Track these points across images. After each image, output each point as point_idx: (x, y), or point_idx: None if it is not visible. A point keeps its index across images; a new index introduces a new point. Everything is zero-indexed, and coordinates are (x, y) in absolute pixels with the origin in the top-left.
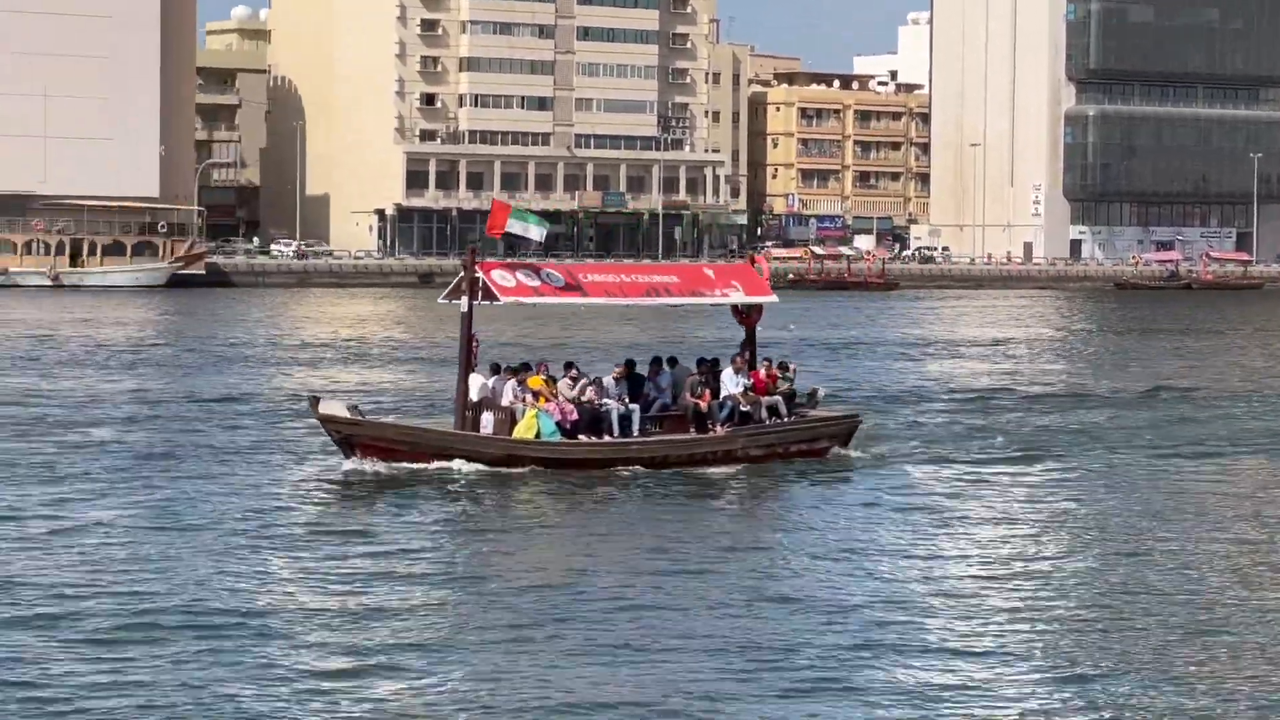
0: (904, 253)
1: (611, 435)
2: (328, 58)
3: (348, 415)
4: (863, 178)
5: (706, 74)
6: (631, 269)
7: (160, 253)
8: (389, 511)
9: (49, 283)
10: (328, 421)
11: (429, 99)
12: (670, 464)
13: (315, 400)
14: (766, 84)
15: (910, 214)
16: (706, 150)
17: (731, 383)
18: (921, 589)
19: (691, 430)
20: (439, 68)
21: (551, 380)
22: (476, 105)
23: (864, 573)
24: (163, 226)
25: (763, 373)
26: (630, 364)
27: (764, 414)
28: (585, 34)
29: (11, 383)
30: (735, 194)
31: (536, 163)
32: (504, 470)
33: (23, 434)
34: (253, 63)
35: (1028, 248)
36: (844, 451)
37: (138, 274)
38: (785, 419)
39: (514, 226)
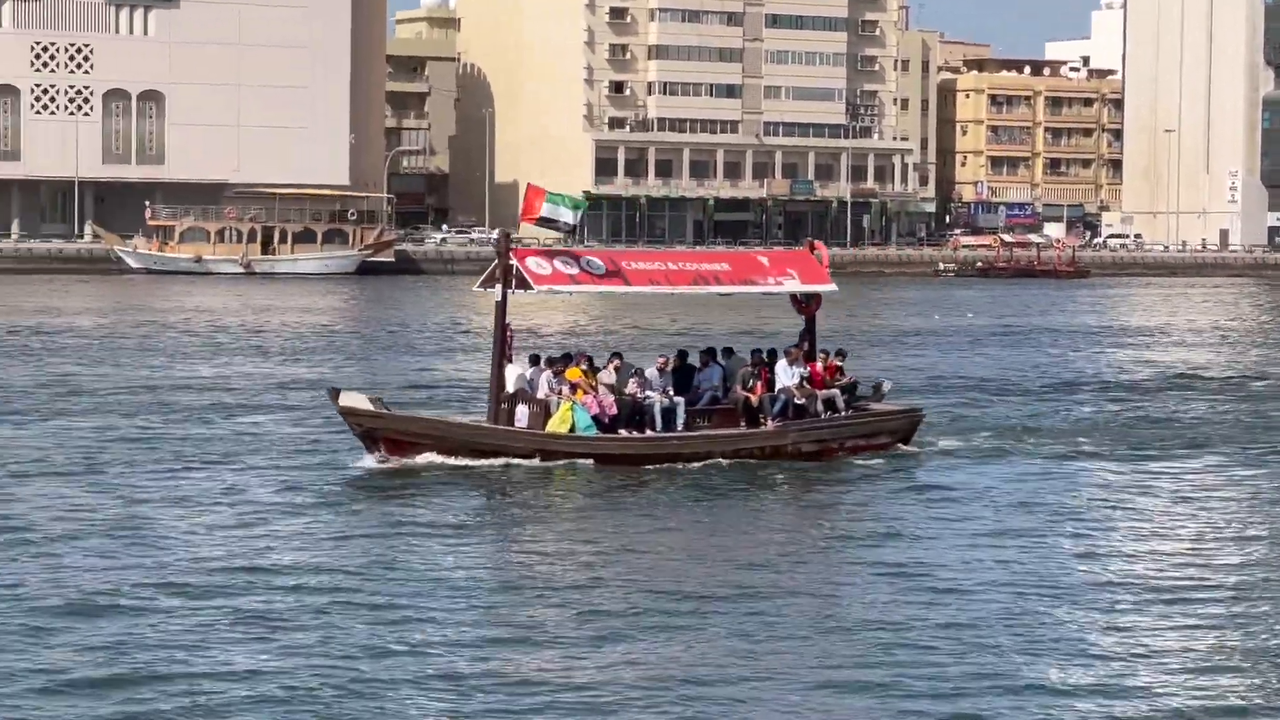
0: (1095, 240)
1: (654, 430)
2: (516, 46)
3: (370, 408)
4: (1053, 165)
5: (895, 61)
6: (680, 256)
7: (350, 240)
8: (409, 510)
9: (241, 270)
10: (349, 414)
11: (618, 87)
12: (714, 458)
13: (335, 392)
14: (956, 71)
15: (1102, 201)
16: (895, 138)
17: (786, 375)
18: (933, 594)
19: (742, 424)
20: (627, 55)
21: (592, 371)
22: (665, 93)
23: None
24: (353, 214)
25: (820, 365)
26: (682, 355)
27: (819, 408)
28: (774, 21)
29: (193, 369)
30: (924, 181)
31: (725, 150)
32: (536, 465)
33: (203, 418)
34: (442, 51)
35: (1223, 235)
36: (906, 448)
37: (327, 261)
38: (842, 413)
39: (548, 210)
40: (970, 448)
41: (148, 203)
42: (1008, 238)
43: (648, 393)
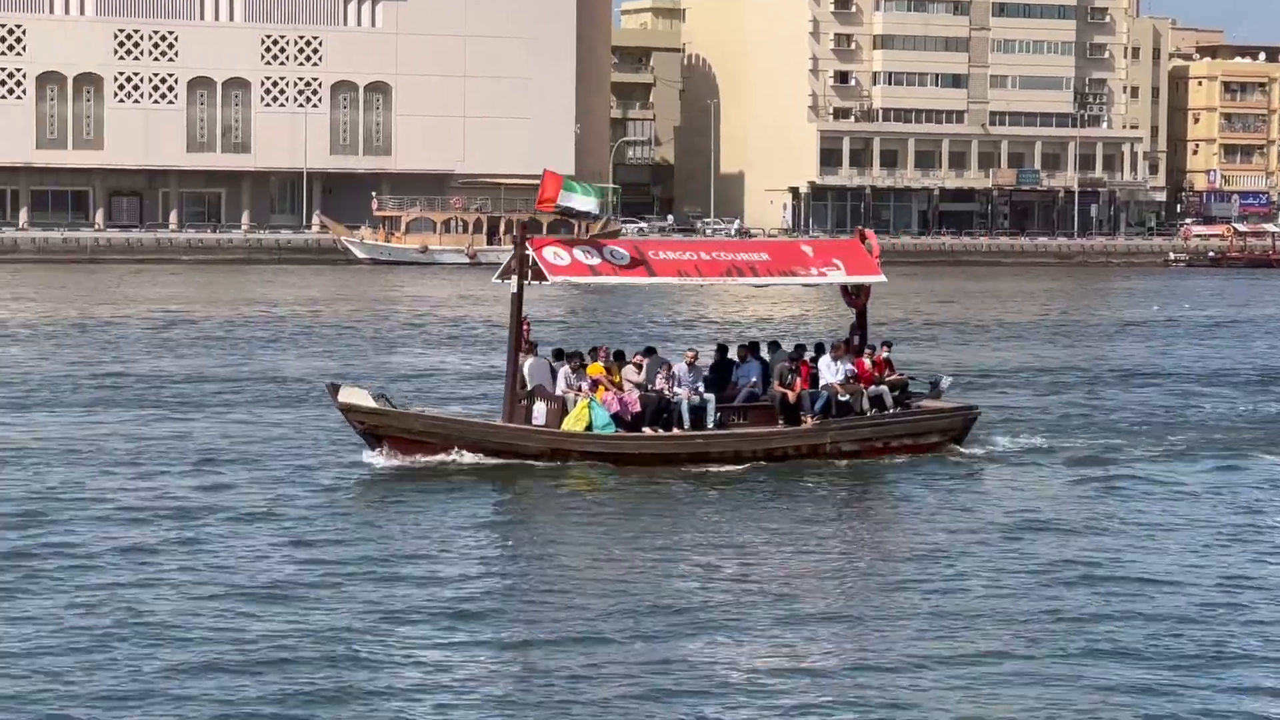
0: None
1: (681, 428)
2: (741, 36)
3: (371, 404)
4: None
5: (1125, 48)
6: (714, 245)
7: (575, 231)
8: (405, 513)
9: (466, 260)
10: (349, 411)
11: (842, 77)
12: (745, 459)
13: (334, 388)
14: (1188, 58)
15: None
16: (1124, 126)
17: (829, 371)
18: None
19: (780, 422)
20: (852, 45)
21: (620, 366)
22: (890, 83)
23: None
24: None
25: (868, 361)
26: (722, 349)
27: (865, 405)
28: (1001, 10)
29: (406, 358)
30: (1154, 170)
31: (950, 140)
32: (549, 466)
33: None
34: (667, 41)
35: None
36: (958, 447)
37: None
38: (890, 411)
39: (565, 199)
40: (1027, 449)
41: (374, 193)
42: (1241, 227)
43: (675, 389)
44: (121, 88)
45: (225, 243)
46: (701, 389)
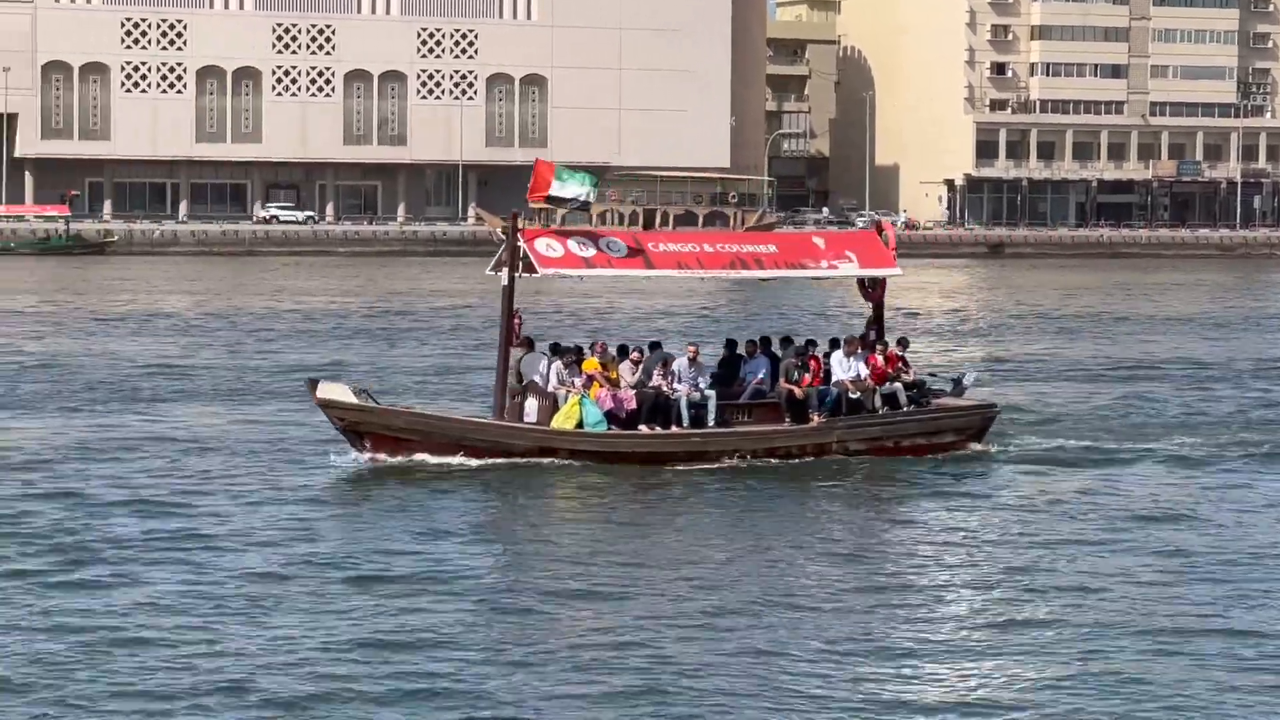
0: None
1: (680, 426)
2: (897, 28)
3: (352, 400)
4: None
5: None
6: (718, 237)
7: (730, 222)
8: (387, 513)
9: None
10: (328, 408)
11: (999, 68)
12: (744, 458)
13: (313, 383)
14: None
15: None
16: None
17: (841, 368)
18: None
19: (786, 420)
20: (1009, 36)
21: (614, 361)
22: (1048, 74)
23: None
24: (733, 196)
25: (880, 358)
26: (731, 344)
27: (877, 403)
28: (1161, 0)
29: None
30: None
31: (1109, 131)
32: (535, 464)
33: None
34: (822, 34)
35: None
36: (978, 447)
37: None
38: (904, 409)
39: (558, 188)
40: (1050, 450)
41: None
42: None
43: (675, 386)
44: (279, 81)
45: (381, 235)
46: (703, 385)
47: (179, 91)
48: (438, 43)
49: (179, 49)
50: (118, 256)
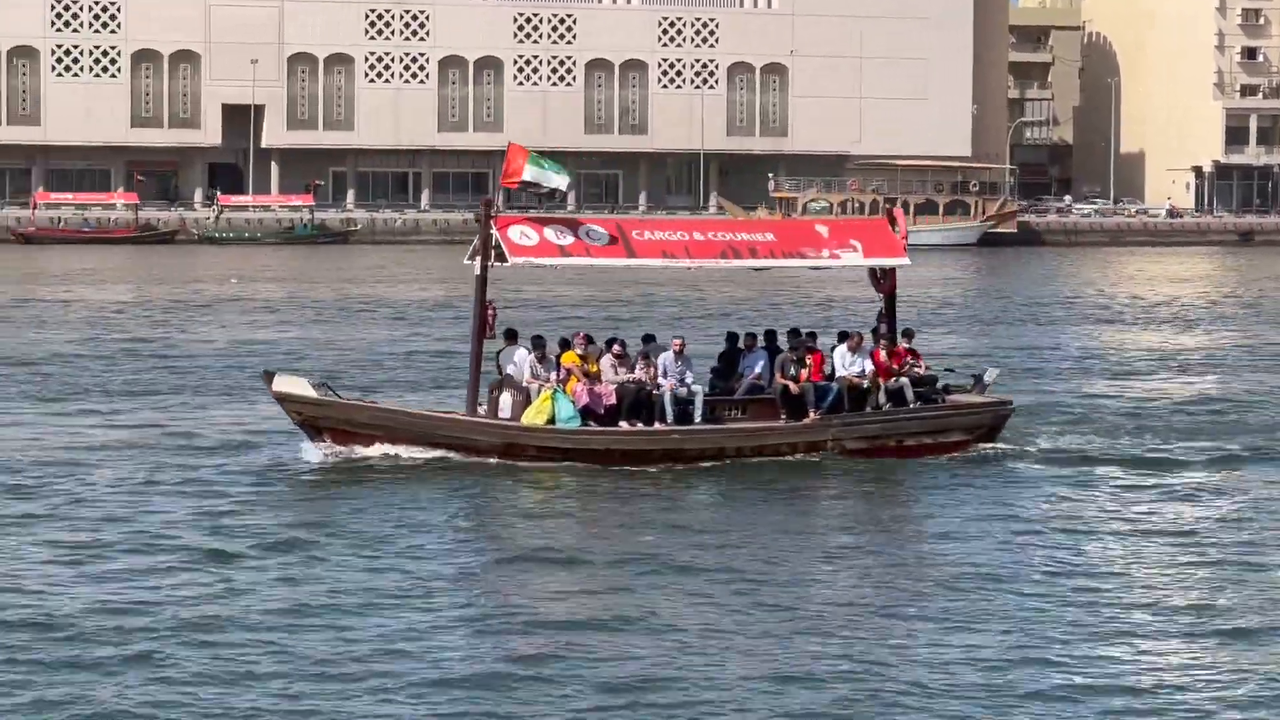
0: None
1: (664, 422)
2: (1143, 13)
3: (311, 394)
4: None
5: None
6: (712, 225)
7: (972, 211)
8: (339, 513)
9: None
10: (285, 401)
11: (1250, 53)
12: (730, 457)
13: (269, 375)
14: None
15: None
16: None
17: (844, 364)
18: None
19: (783, 417)
20: (1260, 20)
21: (594, 355)
22: None
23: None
24: (974, 185)
25: (883, 353)
26: (731, 338)
27: (881, 400)
28: None
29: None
30: None
31: None
32: (502, 462)
33: None
34: (1066, 20)
35: None
36: (988, 447)
37: (948, 232)
38: (911, 406)
39: (530, 174)
40: (1069, 450)
41: (770, 175)
42: None
43: (659, 380)
44: (520, 70)
45: None
46: (690, 380)
47: (421, 81)
48: (679, 31)
49: (421, 39)
50: (360, 245)
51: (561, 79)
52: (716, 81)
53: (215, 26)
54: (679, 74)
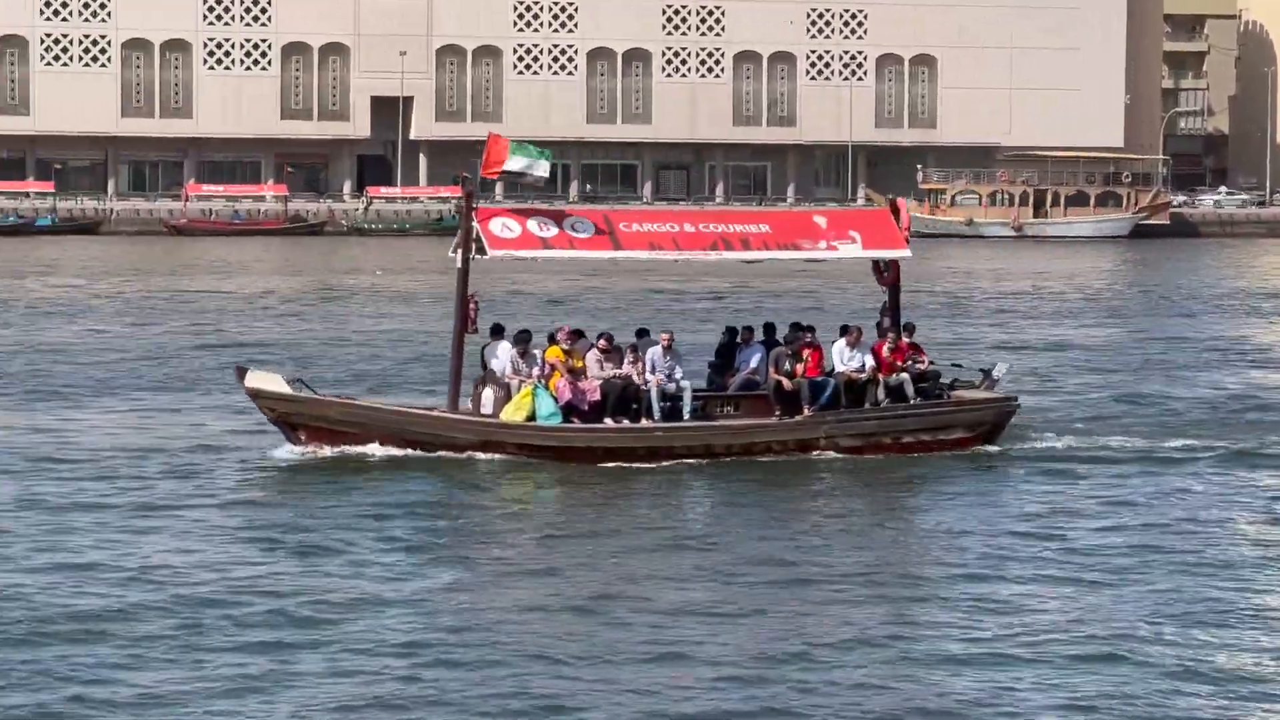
0: None
1: (651, 419)
2: None
3: (284, 390)
4: None
5: None
6: (704, 215)
7: (1124, 203)
8: (304, 513)
9: (1012, 233)
10: (258, 398)
11: None
12: (717, 455)
13: (241, 371)
14: None
15: None
16: None
17: (842, 359)
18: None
19: (777, 414)
20: None
21: (579, 350)
22: None
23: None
24: (1127, 176)
25: (886, 348)
26: (731, 331)
27: (879, 396)
28: None
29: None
30: None
31: None
32: (479, 459)
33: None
34: (1222, 8)
35: None
36: (989, 447)
37: (1100, 224)
38: (911, 402)
39: (513, 164)
40: (1079, 450)
41: (919, 166)
42: None
43: (647, 375)
44: (669, 62)
45: None
46: (679, 375)
47: (569, 73)
48: (827, 23)
49: (570, 31)
50: None
51: (710, 70)
52: (865, 73)
53: (364, 19)
54: (827, 65)
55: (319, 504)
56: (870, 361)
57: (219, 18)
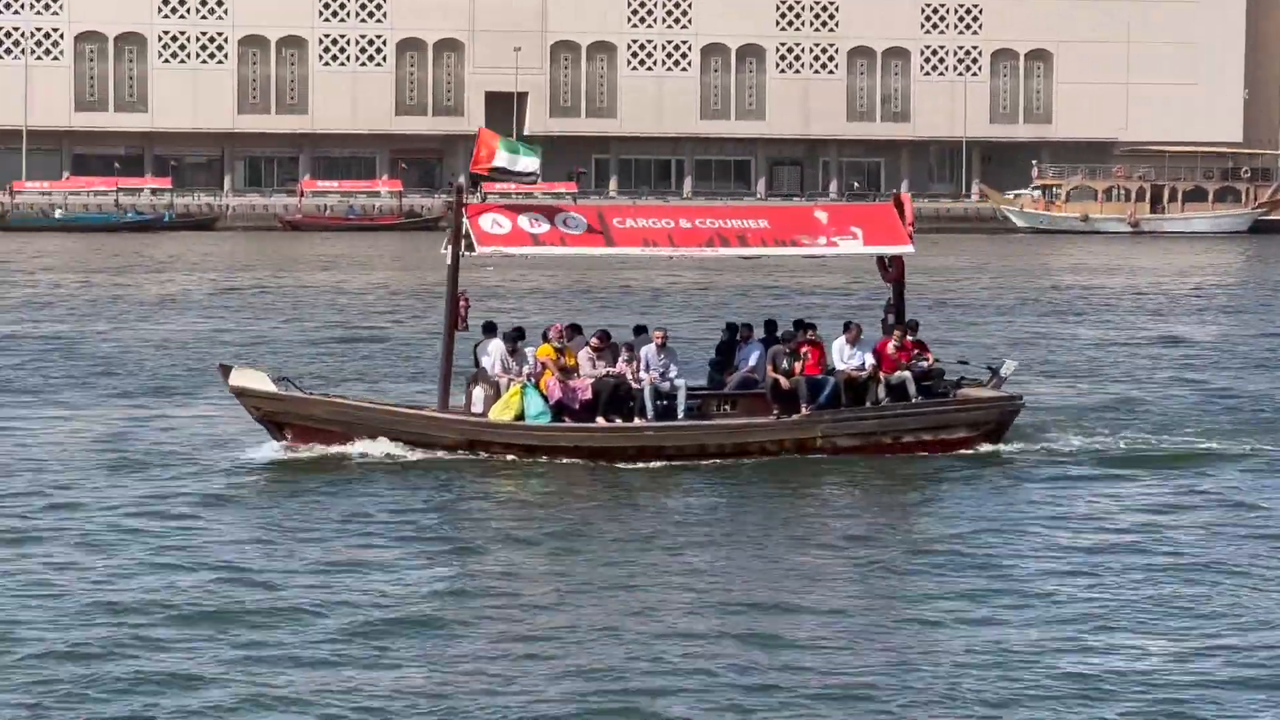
0: None
1: (644, 418)
2: None
3: (269, 388)
4: None
5: None
6: (701, 211)
7: (1243, 198)
8: (292, 513)
9: (1128, 229)
10: (243, 396)
11: None
12: (710, 455)
13: (225, 369)
14: None
15: None
16: None
17: (841, 357)
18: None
19: (774, 413)
20: None
21: (572, 348)
22: None
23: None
24: (1245, 171)
25: (890, 346)
26: (731, 329)
27: (880, 395)
28: None
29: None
30: None
31: None
32: (466, 459)
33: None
34: None
35: None
36: (993, 446)
37: (1218, 220)
38: (913, 401)
39: (502, 160)
40: (1086, 450)
41: (1034, 162)
42: None
43: (640, 374)
44: (783, 59)
45: None
46: (674, 374)
47: (683, 69)
48: (941, 18)
49: (684, 27)
50: None
51: (824, 66)
52: (980, 68)
53: (479, 15)
54: (942, 61)
55: (299, 504)
56: (871, 360)
57: (335, 14)
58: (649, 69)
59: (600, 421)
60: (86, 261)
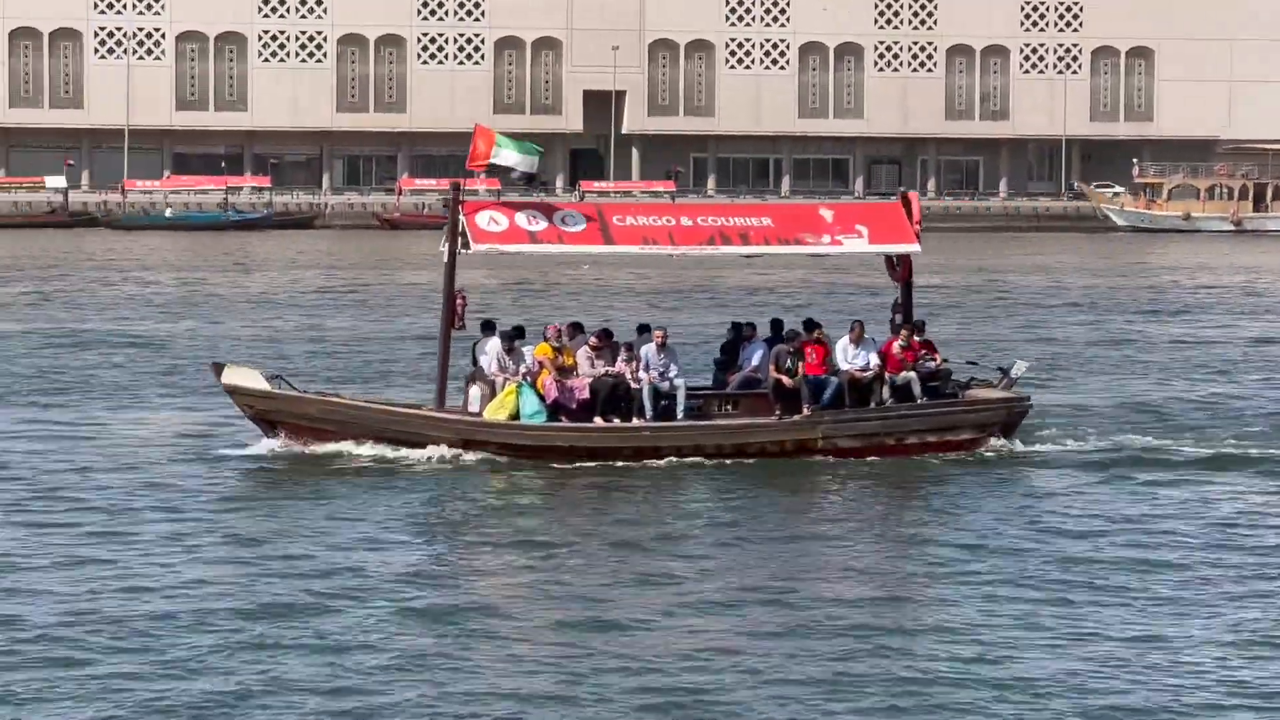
0: None
1: (643, 418)
2: None
3: (261, 386)
4: None
5: None
6: (702, 209)
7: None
8: (283, 512)
9: (1230, 227)
10: (235, 394)
11: None
12: (709, 456)
13: (218, 367)
14: None
15: None
16: None
17: (845, 357)
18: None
19: (777, 413)
20: None
21: (570, 347)
22: None
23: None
24: None
25: (896, 346)
26: (736, 328)
27: (884, 395)
28: None
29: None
30: None
31: None
32: (459, 458)
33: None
34: None
35: None
36: (1001, 445)
37: None
38: (919, 401)
39: (500, 157)
40: (1091, 451)
41: (1135, 160)
42: None
43: (639, 373)
44: (881, 57)
45: (982, 210)
46: (674, 374)
47: (781, 68)
48: (1041, 16)
49: (782, 26)
50: None
51: (922, 64)
52: (1080, 66)
53: (577, 14)
54: (1041, 59)
55: (292, 504)
56: (875, 360)
57: (433, 13)
58: (747, 68)
59: (598, 421)
60: (201, 260)
